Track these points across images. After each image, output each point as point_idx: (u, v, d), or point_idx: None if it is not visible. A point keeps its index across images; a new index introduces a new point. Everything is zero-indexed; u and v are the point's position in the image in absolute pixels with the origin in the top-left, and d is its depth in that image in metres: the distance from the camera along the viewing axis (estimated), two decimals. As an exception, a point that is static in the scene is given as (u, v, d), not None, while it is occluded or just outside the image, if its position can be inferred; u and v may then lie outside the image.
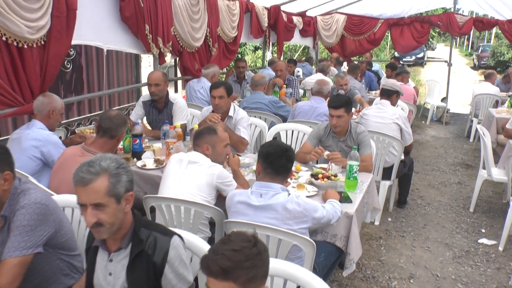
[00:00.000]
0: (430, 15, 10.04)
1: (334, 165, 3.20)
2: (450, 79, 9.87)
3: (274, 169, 2.31)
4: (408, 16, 10.03)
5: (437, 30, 28.43)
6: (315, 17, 9.96)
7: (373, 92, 7.54)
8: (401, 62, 24.55)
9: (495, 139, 6.28)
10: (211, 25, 5.77)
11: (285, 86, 5.59)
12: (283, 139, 4.19)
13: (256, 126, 4.35)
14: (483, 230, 4.41)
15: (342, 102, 3.47)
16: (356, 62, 9.20)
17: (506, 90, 8.75)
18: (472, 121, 8.20)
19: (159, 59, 5.02)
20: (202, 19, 5.56)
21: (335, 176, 3.02)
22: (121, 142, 3.53)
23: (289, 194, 2.30)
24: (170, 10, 4.94)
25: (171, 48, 5.10)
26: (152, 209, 2.65)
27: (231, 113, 3.89)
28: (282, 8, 7.93)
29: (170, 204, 2.53)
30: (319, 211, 2.31)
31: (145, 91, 7.60)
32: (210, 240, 2.66)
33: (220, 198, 2.70)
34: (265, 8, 7.32)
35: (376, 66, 10.03)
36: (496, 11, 8.93)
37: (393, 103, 4.48)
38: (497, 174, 4.64)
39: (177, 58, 5.64)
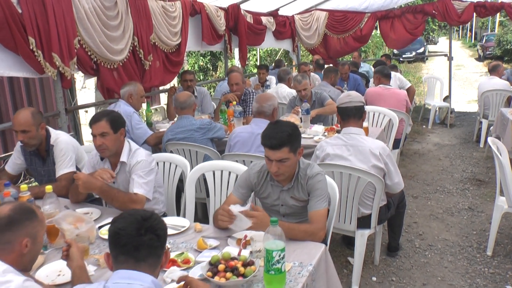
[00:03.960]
0: (423, 4, 8.77)
1: (256, 236, 1.96)
2: (452, 75, 8.61)
3: (131, 255, 1.43)
4: (398, 7, 8.78)
5: (437, 23, 27.14)
6: (292, 16, 8.75)
7: (358, 98, 6.25)
8: (401, 58, 23.45)
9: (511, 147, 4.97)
10: (140, 32, 4.58)
11: (234, 103, 4.34)
12: (210, 185, 2.94)
13: (176, 166, 3.11)
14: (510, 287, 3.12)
15: (283, 137, 2.20)
16: (342, 62, 7.95)
17: (518, 83, 7.43)
18: (481, 123, 6.89)
19: (62, 82, 3.83)
20: (124, 26, 4.37)
21: (249, 264, 1.77)
22: None
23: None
24: (71, 16, 3.76)
25: (76, 66, 3.91)
26: None
27: (124, 157, 2.67)
28: (245, 7, 6.73)
29: None
30: None
31: (82, 117, 6.44)
32: None
33: None
34: (220, 8, 6.11)
35: (365, 67, 8.74)
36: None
37: (362, 125, 3.15)
38: (522, 204, 3.35)
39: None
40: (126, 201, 2.50)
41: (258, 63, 9.83)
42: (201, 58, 11.16)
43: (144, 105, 5.16)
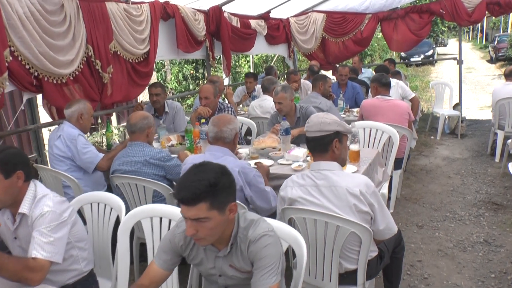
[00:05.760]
0: (430, 3, 8.05)
1: None
2: (462, 79, 7.85)
3: None
4: (401, 7, 8.07)
5: (447, 24, 26.27)
6: (287, 19, 8.10)
7: (355, 110, 5.54)
8: (410, 61, 22.60)
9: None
10: (96, 40, 3.95)
11: (199, 123, 3.66)
12: (148, 236, 2.27)
13: (112, 209, 2.45)
14: None
15: (200, 188, 1.52)
16: (342, 64, 7.24)
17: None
18: (496, 134, 6.14)
19: (-9, 101, 3.21)
20: (74, 33, 3.74)
21: None
22: None
23: None
24: None
25: (8, 83, 3.27)
26: None
27: (24, 207, 2.00)
28: (230, 10, 6.09)
29: None
30: None
31: (45, 135, 5.83)
32: None
33: None
34: (199, 11, 5.47)
35: (367, 72, 8.01)
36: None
37: (342, 157, 2.35)
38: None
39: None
40: (19, 269, 1.84)
41: (252, 71, 9.11)
42: (185, 66, 10.39)
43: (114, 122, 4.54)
